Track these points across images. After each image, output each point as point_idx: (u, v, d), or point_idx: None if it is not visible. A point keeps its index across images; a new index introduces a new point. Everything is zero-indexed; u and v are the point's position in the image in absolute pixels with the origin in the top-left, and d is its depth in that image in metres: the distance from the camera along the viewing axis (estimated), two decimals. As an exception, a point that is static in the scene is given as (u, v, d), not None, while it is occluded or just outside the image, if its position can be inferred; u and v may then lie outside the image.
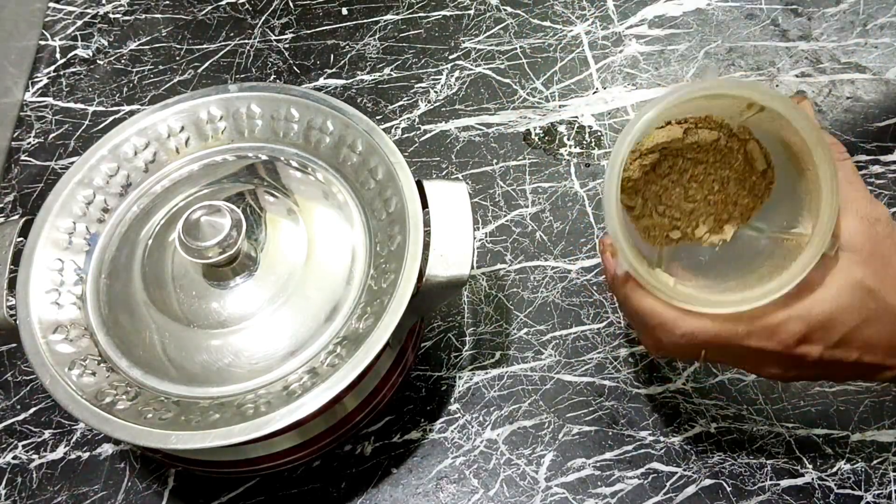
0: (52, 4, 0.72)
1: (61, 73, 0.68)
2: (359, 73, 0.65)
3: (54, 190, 0.46)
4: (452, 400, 0.51)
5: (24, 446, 0.52)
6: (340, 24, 0.68)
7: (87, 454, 0.51)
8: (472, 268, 0.53)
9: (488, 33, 0.67)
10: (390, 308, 0.40)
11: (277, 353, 0.41)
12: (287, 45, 0.67)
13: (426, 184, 0.43)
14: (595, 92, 0.63)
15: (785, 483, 0.47)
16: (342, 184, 0.46)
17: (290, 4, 0.70)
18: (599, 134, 0.61)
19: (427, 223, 0.42)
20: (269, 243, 0.44)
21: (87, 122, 0.65)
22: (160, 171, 0.48)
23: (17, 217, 0.56)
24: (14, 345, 0.55)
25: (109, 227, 0.46)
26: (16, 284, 0.43)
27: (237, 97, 0.48)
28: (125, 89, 0.66)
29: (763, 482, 0.47)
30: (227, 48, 0.68)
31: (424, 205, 0.43)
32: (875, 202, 0.36)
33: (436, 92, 0.64)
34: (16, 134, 0.65)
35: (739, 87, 0.37)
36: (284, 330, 0.42)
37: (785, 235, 0.39)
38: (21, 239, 0.44)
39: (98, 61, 0.68)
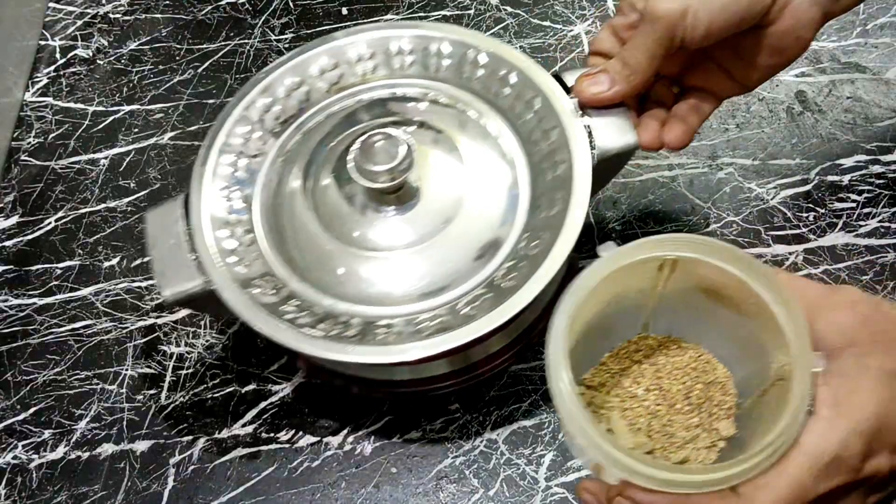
0: (52, 4, 0.72)
1: (61, 73, 0.68)
2: (359, 73, 0.65)
3: (233, 100, 0.48)
4: (452, 400, 0.51)
5: (23, 446, 0.52)
6: (340, 24, 0.68)
7: (86, 454, 0.51)
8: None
9: (488, 33, 0.67)
10: (572, 203, 0.41)
11: (441, 278, 0.42)
12: (287, 45, 0.67)
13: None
14: (595, 92, 0.63)
15: (785, 483, 0.47)
16: (505, 125, 0.47)
17: (290, 4, 0.70)
18: (599, 134, 0.61)
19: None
20: (430, 178, 0.45)
21: (87, 122, 0.65)
22: (335, 97, 0.49)
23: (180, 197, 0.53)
24: (14, 344, 0.55)
25: (277, 148, 0.48)
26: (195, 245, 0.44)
27: (427, 34, 0.49)
28: (125, 89, 0.66)
29: (763, 482, 0.47)
30: (227, 48, 0.68)
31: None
32: (837, 288, 0.34)
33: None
34: (16, 134, 0.65)
35: (654, 246, 0.36)
36: (448, 257, 0.43)
37: (771, 378, 0.36)
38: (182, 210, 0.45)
39: (98, 61, 0.68)
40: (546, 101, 0.45)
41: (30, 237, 0.60)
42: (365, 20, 0.68)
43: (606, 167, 0.45)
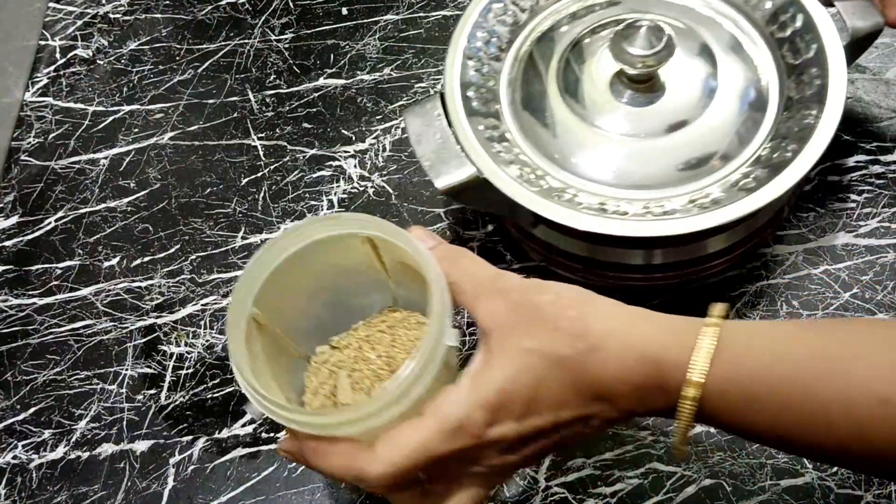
0: (52, 4, 0.72)
1: (61, 73, 0.68)
2: (359, 73, 0.65)
3: None
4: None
5: (23, 446, 0.52)
6: (340, 24, 0.68)
7: (86, 454, 0.51)
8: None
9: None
10: (831, 79, 0.45)
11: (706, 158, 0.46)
12: (287, 45, 0.67)
13: None
14: (595, 92, 0.63)
15: (785, 483, 0.47)
16: (740, 16, 0.50)
17: (290, 4, 0.70)
18: (599, 134, 0.61)
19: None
20: (680, 76, 0.48)
21: (87, 122, 0.65)
22: None
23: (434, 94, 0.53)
24: (14, 344, 0.55)
25: (527, 30, 0.52)
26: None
27: None
28: (125, 89, 0.66)
29: (763, 482, 0.47)
30: (227, 48, 0.68)
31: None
32: (500, 275, 0.37)
33: (436, 92, 0.64)
34: (16, 134, 0.65)
35: (324, 226, 0.40)
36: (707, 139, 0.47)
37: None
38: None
39: (98, 61, 0.68)
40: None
41: (30, 237, 0.60)
42: (365, 20, 0.68)
43: (852, 50, 0.48)
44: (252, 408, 0.37)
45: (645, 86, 0.47)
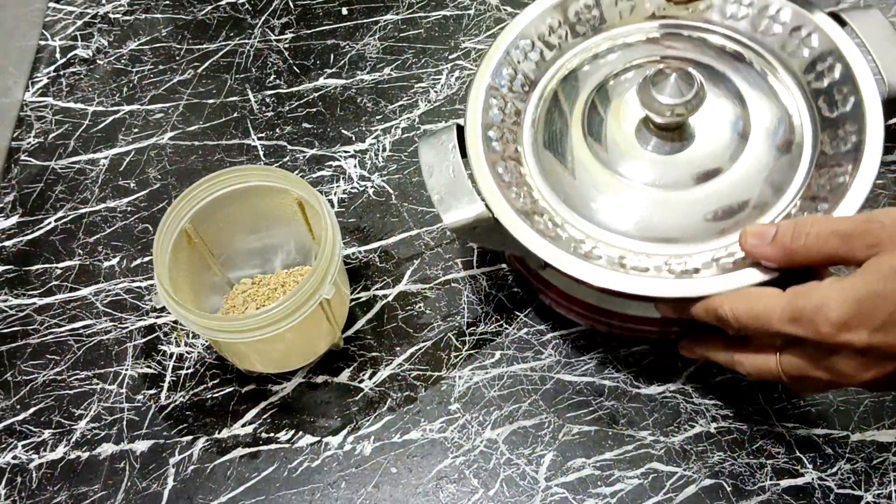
0: (52, 4, 0.72)
1: (61, 73, 0.68)
2: (359, 73, 0.65)
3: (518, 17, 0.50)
4: (452, 400, 0.51)
5: (23, 446, 0.52)
6: (340, 24, 0.68)
7: (86, 454, 0.51)
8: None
9: (488, 33, 0.67)
10: (868, 133, 0.43)
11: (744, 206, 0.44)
12: (287, 45, 0.67)
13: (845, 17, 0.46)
14: (595, 92, 0.63)
15: (785, 483, 0.47)
16: (774, 61, 0.48)
17: (290, 4, 0.70)
18: (599, 134, 0.61)
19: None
20: (710, 124, 0.45)
21: (87, 122, 0.65)
22: (612, 31, 0.51)
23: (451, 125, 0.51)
24: (14, 344, 0.55)
25: (553, 69, 0.50)
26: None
27: None
28: (125, 89, 0.66)
29: (763, 482, 0.47)
30: (227, 48, 0.68)
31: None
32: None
33: (436, 92, 0.64)
34: (16, 134, 0.65)
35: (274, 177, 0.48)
36: (748, 186, 0.44)
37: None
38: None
39: (98, 61, 0.68)
40: (824, 37, 0.46)
41: (30, 237, 0.60)
42: (365, 20, 0.68)
43: (890, 105, 0.45)
44: (157, 297, 0.45)
45: (672, 134, 0.45)
